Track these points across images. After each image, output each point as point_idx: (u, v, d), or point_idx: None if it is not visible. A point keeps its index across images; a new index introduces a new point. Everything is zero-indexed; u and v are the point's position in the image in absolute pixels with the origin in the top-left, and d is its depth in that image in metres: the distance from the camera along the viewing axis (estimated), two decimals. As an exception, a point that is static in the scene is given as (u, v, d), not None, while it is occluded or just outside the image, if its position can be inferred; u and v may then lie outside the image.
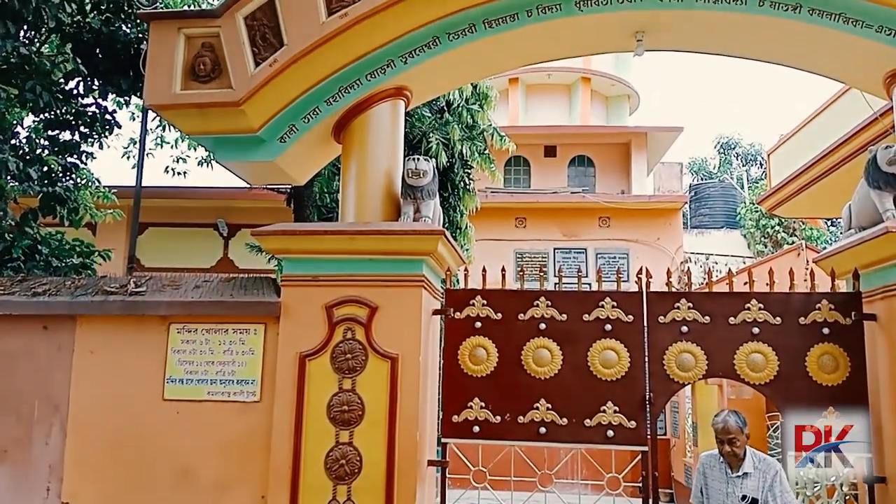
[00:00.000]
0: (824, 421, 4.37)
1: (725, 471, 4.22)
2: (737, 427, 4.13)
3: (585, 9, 4.57)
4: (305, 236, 4.60)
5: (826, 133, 8.39)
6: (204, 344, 4.67)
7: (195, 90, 4.60)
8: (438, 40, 4.69)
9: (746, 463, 4.14)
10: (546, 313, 4.75)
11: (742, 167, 30.75)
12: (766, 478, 4.09)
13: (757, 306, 4.57)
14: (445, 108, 10.11)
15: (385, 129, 4.85)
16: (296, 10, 4.52)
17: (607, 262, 16.74)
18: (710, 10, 4.47)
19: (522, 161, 19.22)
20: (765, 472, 4.11)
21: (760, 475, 4.11)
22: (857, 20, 4.35)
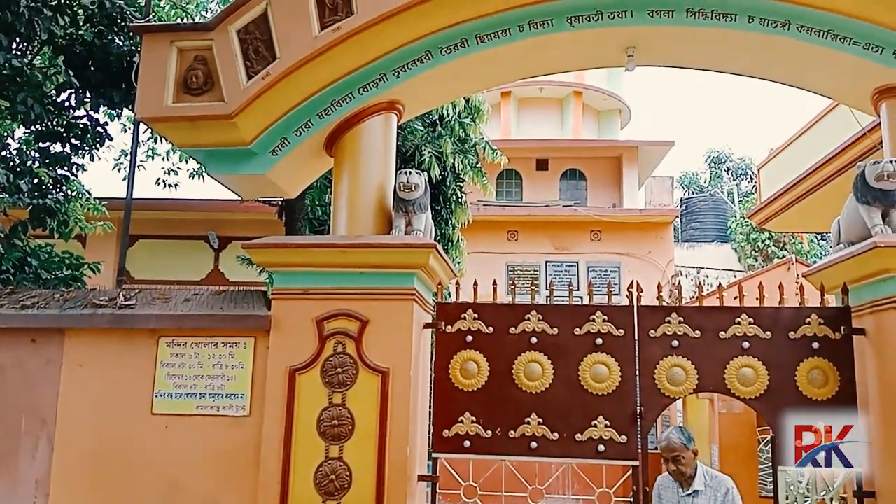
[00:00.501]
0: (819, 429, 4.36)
1: (677, 490, 4.14)
2: (680, 444, 3.97)
3: (577, 24, 4.61)
4: (296, 249, 4.59)
5: (815, 148, 8.45)
6: (193, 358, 4.64)
7: (187, 103, 4.60)
8: (431, 55, 4.72)
9: (697, 480, 4.04)
10: (537, 327, 4.74)
11: (732, 181, 30.95)
12: (717, 496, 4.01)
13: (747, 321, 4.58)
14: (438, 122, 10.14)
15: (377, 143, 4.86)
16: (289, 24, 4.54)
17: (599, 276, 16.78)
18: (699, 27, 4.51)
19: (514, 174, 19.29)
20: (716, 490, 4.04)
21: (711, 493, 4.03)
22: (845, 37, 4.40)
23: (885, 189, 4.27)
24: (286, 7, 4.55)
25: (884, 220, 4.30)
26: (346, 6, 4.53)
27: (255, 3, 4.59)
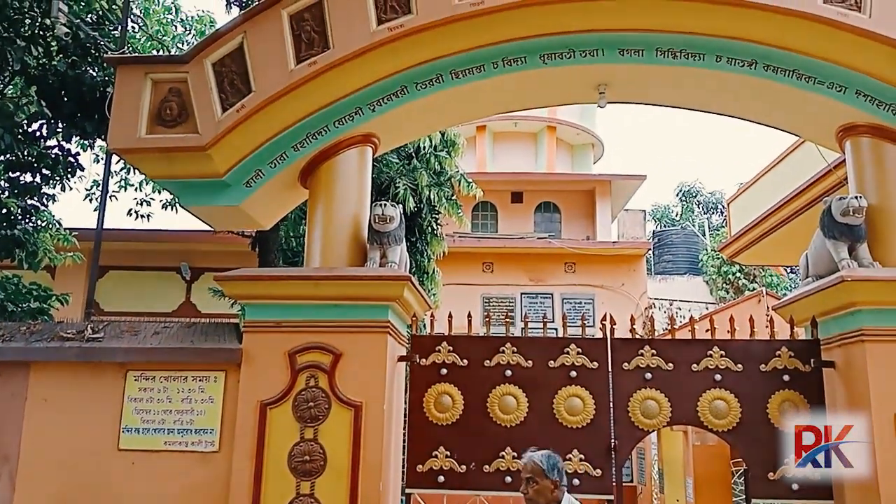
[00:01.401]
0: (787, 468, 4.39)
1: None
2: (536, 467, 3.46)
3: (549, 62, 4.69)
4: (269, 282, 4.56)
5: (783, 183, 8.63)
6: (162, 392, 4.55)
7: (161, 134, 4.59)
8: (406, 89, 4.76)
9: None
10: (512, 360, 4.74)
11: (703, 215, 31.42)
12: None
13: (719, 353, 4.63)
14: (414, 155, 10.20)
15: (352, 175, 4.87)
16: (264, 57, 4.56)
17: (573, 307, 16.84)
18: (669, 66, 4.62)
19: (490, 206, 19.40)
20: None
21: None
22: (810, 76, 4.53)
23: (850, 224, 4.37)
24: (262, 40, 4.58)
25: (850, 254, 4.39)
26: (321, 41, 4.58)
27: (231, 37, 4.62)
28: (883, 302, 4.19)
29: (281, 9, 4.62)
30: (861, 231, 4.39)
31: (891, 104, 4.46)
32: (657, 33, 4.54)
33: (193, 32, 10.72)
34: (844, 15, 4.28)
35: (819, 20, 4.29)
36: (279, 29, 4.58)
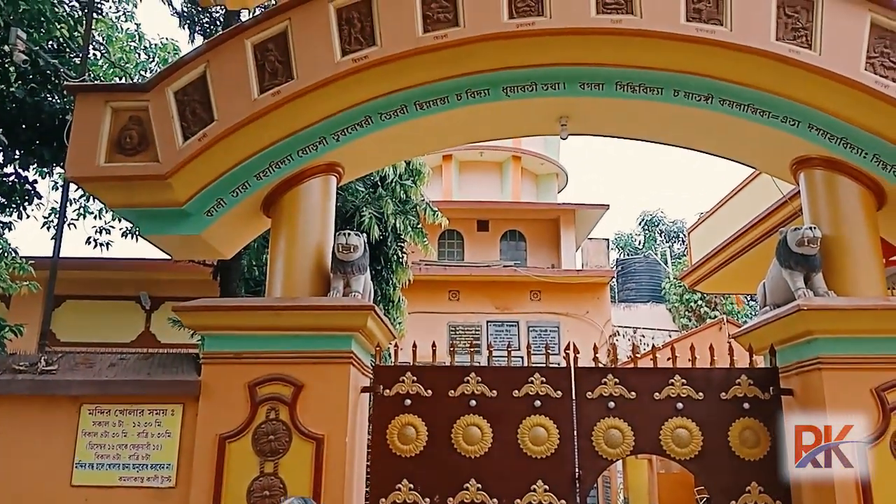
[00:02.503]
0: (748, 496, 4.41)
1: None
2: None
3: (512, 94, 4.76)
4: (229, 312, 4.49)
5: (741, 213, 8.81)
6: (117, 426, 4.43)
7: (120, 163, 4.53)
8: (371, 119, 4.78)
9: None
10: (476, 389, 4.72)
11: (665, 243, 31.92)
12: None
13: (680, 382, 4.67)
14: (379, 183, 10.21)
15: (316, 204, 4.85)
16: (228, 87, 4.55)
17: (539, 335, 16.89)
18: (628, 99, 4.73)
19: (456, 235, 19.46)
20: None
21: None
22: (764, 111, 4.66)
23: (806, 254, 4.47)
24: (225, 70, 4.57)
25: (806, 283, 4.49)
26: (286, 71, 4.59)
27: (194, 66, 4.60)
28: (838, 330, 4.27)
29: (245, 39, 4.63)
30: (816, 261, 4.49)
31: (842, 138, 4.60)
32: (617, 68, 4.65)
33: (157, 60, 10.64)
34: (796, 52, 4.42)
35: (772, 56, 4.43)
36: (242, 58, 4.58)
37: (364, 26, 4.62)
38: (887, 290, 4.75)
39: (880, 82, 4.37)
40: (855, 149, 4.59)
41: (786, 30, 4.46)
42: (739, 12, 4.45)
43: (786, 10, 4.48)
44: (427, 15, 4.59)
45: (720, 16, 4.46)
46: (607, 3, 4.51)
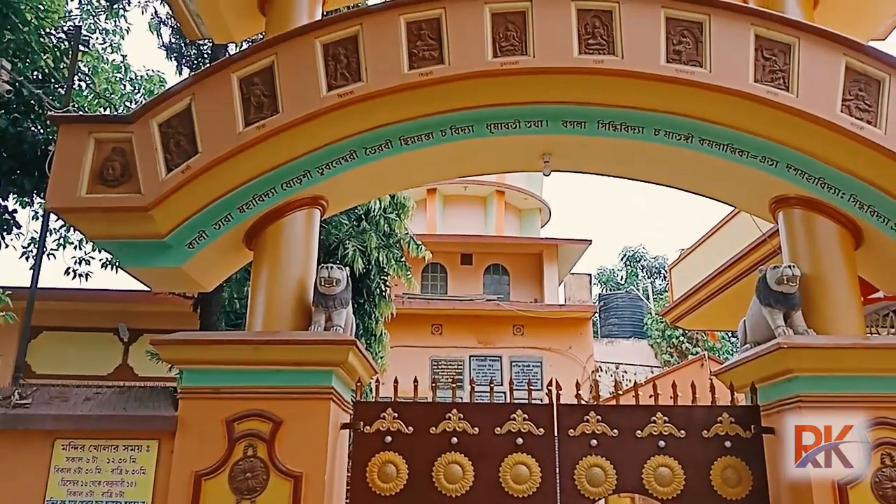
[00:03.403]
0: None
1: None
2: None
3: (496, 131, 4.81)
4: (208, 346, 4.43)
5: (722, 250, 8.92)
6: (91, 462, 4.32)
7: (102, 194, 4.50)
8: (355, 153, 4.81)
9: None
10: (458, 426, 4.66)
11: (647, 279, 32.12)
12: None
13: (662, 419, 4.65)
14: (363, 217, 10.23)
15: (299, 238, 4.84)
16: (212, 119, 4.56)
17: (522, 370, 16.85)
18: (610, 137, 4.79)
19: (440, 268, 19.48)
20: None
21: None
22: (743, 150, 4.74)
23: (785, 292, 4.51)
24: (210, 102, 4.59)
25: (786, 321, 4.52)
26: (271, 104, 4.61)
27: (180, 98, 4.62)
28: (818, 369, 4.29)
29: (231, 72, 4.66)
30: (796, 299, 4.53)
31: (819, 178, 4.68)
32: (599, 107, 4.72)
33: (142, 91, 10.67)
34: (774, 93, 4.52)
35: (750, 98, 4.52)
36: (228, 92, 4.60)
37: (350, 62, 4.67)
38: (866, 328, 4.80)
39: (856, 124, 4.46)
40: (832, 189, 4.67)
41: (764, 72, 4.56)
42: (718, 54, 4.55)
43: (763, 53, 4.59)
44: (413, 52, 4.65)
45: (700, 57, 4.56)
46: (590, 44, 4.60)
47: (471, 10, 4.69)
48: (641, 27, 4.60)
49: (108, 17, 11.07)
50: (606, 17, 4.62)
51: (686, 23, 4.61)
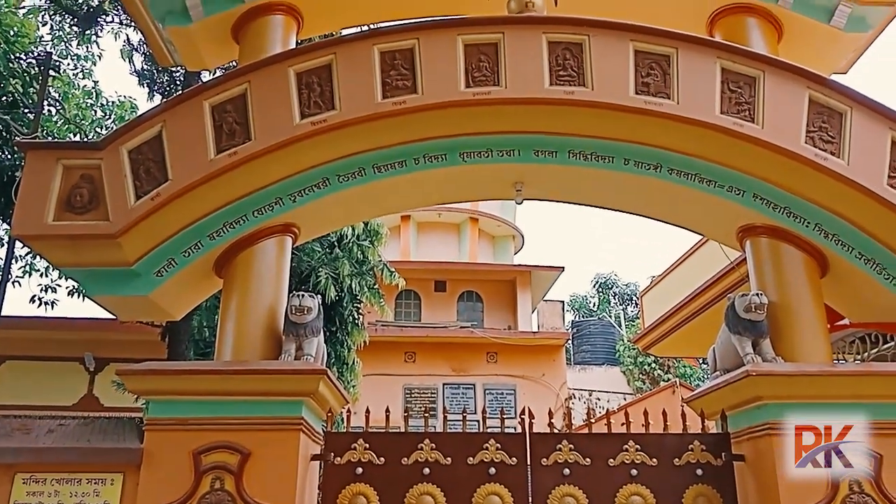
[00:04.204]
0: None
1: None
2: None
3: (469, 160, 4.85)
4: (175, 376, 4.35)
5: (692, 277, 9.02)
6: (53, 496, 4.20)
7: (69, 221, 4.44)
8: (328, 181, 4.80)
9: None
10: (430, 457, 4.61)
11: (619, 306, 32.35)
12: None
13: (634, 448, 4.64)
14: (336, 244, 10.20)
15: (270, 265, 4.80)
16: (183, 147, 4.53)
17: (495, 398, 16.79)
18: (581, 167, 4.85)
19: (413, 295, 19.44)
20: None
21: None
22: (710, 180, 4.82)
23: (753, 320, 4.56)
24: (182, 129, 4.57)
25: (754, 349, 4.56)
26: (244, 132, 4.60)
27: (150, 125, 4.59)
28: (787, 396, 4.33)
29: (203, 100, 4.65)
30: (763, 326, 4.58)
31: (785, 207, 4.76)
32: (569, 136, 4.78)
33: (113, 117, 10.59)
34: (740, 125, 4.61)
35: (717, 129, 4.61)
36: (200, 119, 4.59)
37: (324, 90, 4.68)
38: (833, 355, 4.87)
39: (819, 155, 4.56)
40: (798, 218, 4.75)
41: (730, 104, 4.66)
42: (686, 86, 4.64)
43: (729, 86, 4.69)
44: (386, 82, 4.68)
45: (667, 89, 4.65)
46: (560, 75, 4.67)
47: (444, 41, 4.74)
48: (611, 60, 4.69)
49: (80, 42, 11.01)
50: (577, 50, 4.70)
51: (654, 56, 4.71)
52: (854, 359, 7.50)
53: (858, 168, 4.52)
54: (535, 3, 5.06)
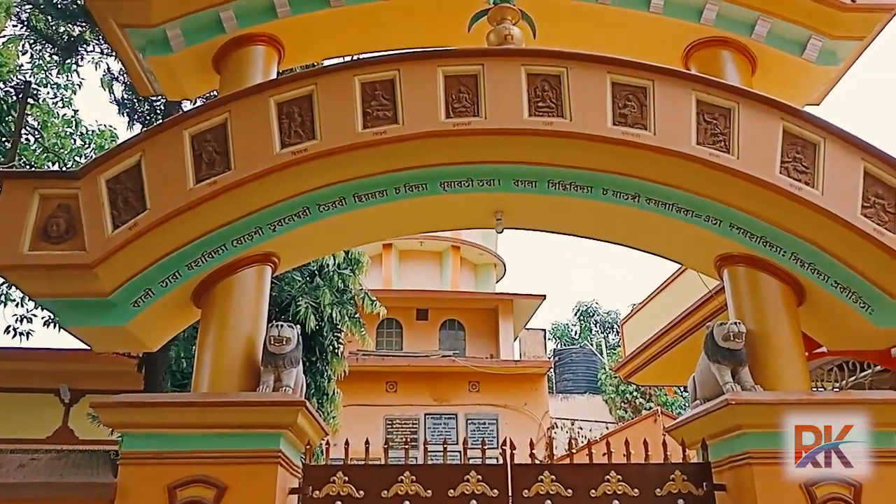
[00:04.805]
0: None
1: None
2: None
3: (449, 189, 4.87)
4: (150, 409, 4.28)
5: (672, 305, 9.07)
6: (21, 534, 4.08)
7: (45, 251, 4.38)
8: (309, 210, 4.79)
9: None
10: (411, 489, 4.55)
11: (601, 334, 32.41)
12: None
13: (616, 478, 4.61)
14: (317, 273, 10.15)
15: (249, 295, 4.76)
16: (162, 176, 4.51)
17: (477, 428, 16.67)
18: (560, 196, 4.89)
19: (395, 323, 19.36)
20: None
21: None
22: (687, 210, 4.87)
23: (732, 349, 4.58)
24: (161, 159, 4.55)
25: (734, 377, 4.58)
26: (223, 161, 4.59)
27: (129, 155, 4.57)
28: (766, 425, 4.33)
29: (183, 129, 4.65)
30: (742, 355, 4.60)
31: (761, 236, 4.81)
32: (549, 166, 4.83)
33: (93, 146, 10.53)
34: (716, 155, 4.68)
35: (693, 159, 4.67)
36: (180, 148, 4.57)
37: (304, 120, 4.70)
38: (811, 383, 4.90)
39: (794, 185, 4.63)
40: (774, 247, 4.80)
41: (706, 135, 4.73)
42: (662, 118, 4.71)
43: (705, 117, 4.77)
44: (367, 112, 4.71)
45: (644, 121, 4.71)
46: (539, 107, 4.72)
47: (424, 72, 4.79)
48: (589, 91, 4.76)
49: (60, 71, 10.98)
50: (555, 81, 4.77)
51: (631, 87, 4.78)
52: (832, 387, 7.55)
53: (832, 198, 4.59)
54: (514, 36, 5.14)
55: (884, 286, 4.57)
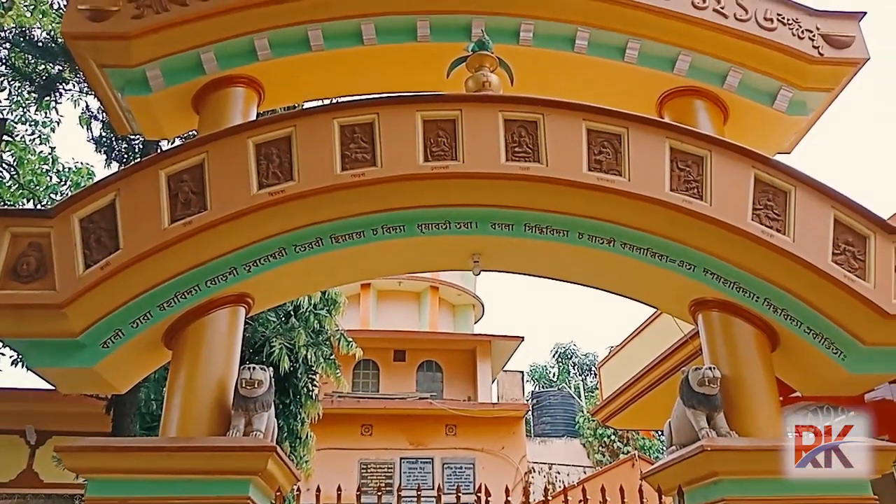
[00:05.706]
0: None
1: None
2: None
3: (426, 231, 4.88)
4: (115, 453, 4.16)
5: (648, 349, 9.09)
6: (-24, 585, 3.92)
7: (13, 290, 4.30)
8: (284, 251, 4.77)
9: None
10: (383, 537, 4.45)
11: (579, 376, 32.32)
12: None
13: (591, 527, 4.55)
14: (292, 313, 10.06)
15: (221, 337, 4.70)
16: (136, 216, 4.48)
17: (454, 473, 16.42)
18: (536, 240, 4.91)
19: (372, 364, 19.17)
20: None
21: None
22: (662, 255, 4.91)
23: (707, 394, 4.58)
24: (136, 198, 4.52)
25: (709, 423, 4.57)
26: (199, 201, 4.57)
27: (104, 194, 4.55)
28: (742, 472, 4.31)
29: (160, 169, 4.63)
30: (717, 400, 4.60)
31: (734, 282, 4.86)
32: (525, 210, 4.86)
33: (69, 183, 10.45)
34: (689, 202, 4.75)
35: (667, 206, 4.73)
36: (155, 188, 4.55)
37: (282, 161, 4.71)
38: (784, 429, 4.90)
39: (766, 232, 4.70)
40: (747, 293, 4.85)
41: (679, 182, 4.80)
42: (636, 164, 4.78)
43: (678, 164, 4.85)
44: (345, 154, 4.73)
45: (619, 167, 4.78)
46: (516, 152, 4.78)
47: (403, 116, 4.84)
48: (565, 137, 4.83)
49: (38, 108, 10.95)
50: (532, 127, 4.83)
51: (606, 134, 4.86)
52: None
53: (803, 244, 4.66)
54: (492, 82, 5.21)
55: (855, 333, 4.62)
